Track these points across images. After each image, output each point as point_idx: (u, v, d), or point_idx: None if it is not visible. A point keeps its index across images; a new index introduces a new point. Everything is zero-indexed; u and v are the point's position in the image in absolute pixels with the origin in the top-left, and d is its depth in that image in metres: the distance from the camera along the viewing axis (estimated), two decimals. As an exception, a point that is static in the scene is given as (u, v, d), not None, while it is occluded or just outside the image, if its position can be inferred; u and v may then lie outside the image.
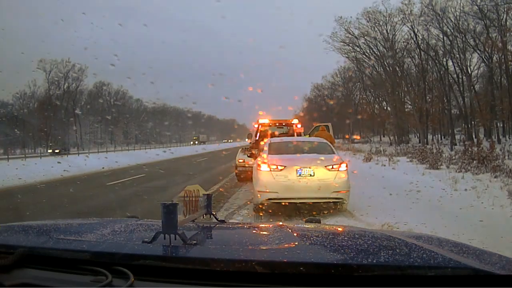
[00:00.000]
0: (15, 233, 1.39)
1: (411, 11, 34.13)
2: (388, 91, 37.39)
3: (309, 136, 11.27)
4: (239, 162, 11.19)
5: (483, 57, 32.72)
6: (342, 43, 38.44)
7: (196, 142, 76.58)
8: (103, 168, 17.52)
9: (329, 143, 7.55)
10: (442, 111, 35.72)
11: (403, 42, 36.80)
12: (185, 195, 1.28)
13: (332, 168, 6.26)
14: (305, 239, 1.35)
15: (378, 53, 37.84)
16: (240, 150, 11.79)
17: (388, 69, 37.17)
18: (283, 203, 6.40)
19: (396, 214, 5.98)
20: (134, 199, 8.58)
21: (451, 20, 32.22)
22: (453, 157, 14.08)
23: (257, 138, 11.64)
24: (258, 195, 6.33)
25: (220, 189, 9.93)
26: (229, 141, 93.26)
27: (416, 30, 34.80)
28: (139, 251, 1.05)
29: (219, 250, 1.10)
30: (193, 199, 1.33)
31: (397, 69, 37.05)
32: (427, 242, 1.27)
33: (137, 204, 7.83)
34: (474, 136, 31.68)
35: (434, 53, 34.36)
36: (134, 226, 1.53)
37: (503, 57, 30.50)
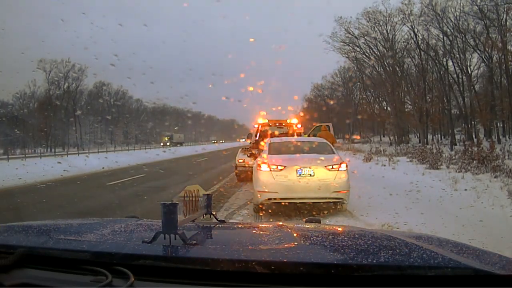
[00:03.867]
0: (15, 233, 1.39)
1: (411, 11, 34.13)
2: (388, 91, 37.36)
3: (310, 136, 11.27)
4: (239, 162, 11.19)
5: (483, 57, 32.70)
6: (342, 43, 38.46)
7: (168, 144, 62.03)
8: (103, 168, 17.51)
9: (329, 143, 7.56)
10: (442, 111, 35.70)
11: (403, 42, 36.80)
12: (185, 195, 1.28)
13: (332, 168, 6.26)
14: (305, 239, 1.35)
15: (378, 53, 37.82)
16: (240, 150, 11.79)
17: (388, 69, 37.14)
18: (283, 203, 6.40)
19: (396, 214, 5.99)
20: (134, 199, 8.58)
21: (451, 20, 32.21)
22: (453, 157, 14.09)
23: (257, 138, 11.64)
24: (258, 195, 6.33)
25: (220, 189, 9.93)
26: (221, 141, 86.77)
27: (416, 30, 34.81)
28: (139, 251, 1.05)
29: (219, 250, 1.10)
30: (193, 199, 1.33)
31: (397, 69, 37.03)
32: (427, 242, 1.27)
33: (137, 204, 7.83)
34: (474, 136, 31.65)
35: (434, 53, 34.33)
36: (134, 226, 1.53)
37: (503, 57, 30.47)
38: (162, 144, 62.27)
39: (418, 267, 0.96)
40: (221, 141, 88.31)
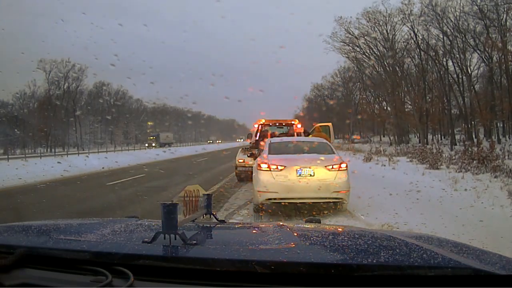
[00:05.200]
0: (15, 233, 1.39)
1: (411, 11, 34.19)
2: (388, 91, 37.39)
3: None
4: (239, 162, 11.19)
5: (483, 57, 32.72)
6: (342, 43, 38.51)
7: (154, 145, 55.18)
8: (103, 168, 17.51)
9: (329, 143, 7.57)
10: (442, 111, 35.73)
11: (403, 42, 36.86)
12: (185, 195, 1.28)
13: (332, 168, 6.26)
14: (305, 239, 1.35)
15: (378, 53, 37.85)
16: (240, 150, 11.80)
17: (388, 69, 37.17)
18: (283, 203, 6.40)
19: (396, 214, 5.99)
20: (134, 199, 8.57)
21: (451, 20, 32.23)
22: (453, 157, 14.09)
23: (257, 138, 11.64)
24: (258, 195, 6.34)
25: (220, 189, 9.92)
26: (218, 141, 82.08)
27: (416, 30, 34.85)
28: (139, 251, 1.05)
29: (219, 250, 1.10)
30: (193, 199, 1.33)
31: (397, 69, 37.06)
32: (427, 242, 1.27)
33: (137, 204, 7.83)
34: (474, 136, 31.69)
35: (434, 53, 34.35)
36: (134, 226, 1.53)
37: (503, 57, 30.48)
38: (147, 145, 55.63)
39: (418, 267, 0.96)
40: (218, 141, 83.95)
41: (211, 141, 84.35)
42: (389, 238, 1.30)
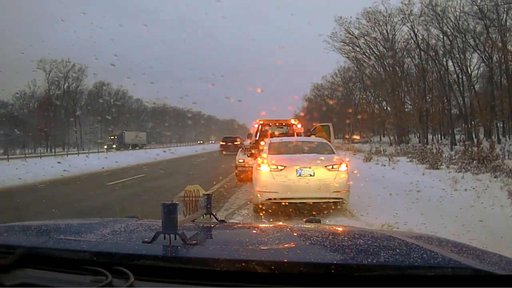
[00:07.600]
0: (15, 233, 1.39)
1: (411, 11, 34.17)
2: (388, 91, 37.37)
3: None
4: (239, 162, 11.19)
5: (483, 57, 32.71)
6: (342, 43, 38.47)
7: (114, 146, 43.02)
8: (103, 168, 17.49)
9: (329, 143, 7.57)
10: (442, 111, 35.72)
11: (403, 42, 36.82)
12: (185, 195, 1.29)
13: (332, 168, 6.26)
14: (305, 239, 1.35)
15: (378, 53, 37.83)
16: (240, 150, 11.81)
17: (388, 69, 37.15)
18: (283, 203, 6.40)
19: (396, 214, 5.98)
20: (134, 199, 8.57)
21: (451, 20, 32.23)
22: (453, 157, 14.10)
23: (257, 138, 11.64)
24: (258, 195, 6.34)
25: (220, 189, 9.92)
26: (211, 141, 75.59)
27: (416, 30, 34.83)
28: (139, 251, 1.05)
29: (219, 250, 1.10)
30: (193, 199, 1.33)
31: (397, 69, 37.05)
32: (427, 242, 1.27)
33: (137, 204, 7.82)
34: (474, 136, 31.68)
35: (434, 53, 34.35)
36: (134, 226, 1.54)
37: (503, 57, 30.47)
38: (105, 147, 43.01)
39: (418, 267, 0.96)
40: (211, 142, 77.51)
41: (201, 142, 78.31)
42: (389, 238, 1.30)
